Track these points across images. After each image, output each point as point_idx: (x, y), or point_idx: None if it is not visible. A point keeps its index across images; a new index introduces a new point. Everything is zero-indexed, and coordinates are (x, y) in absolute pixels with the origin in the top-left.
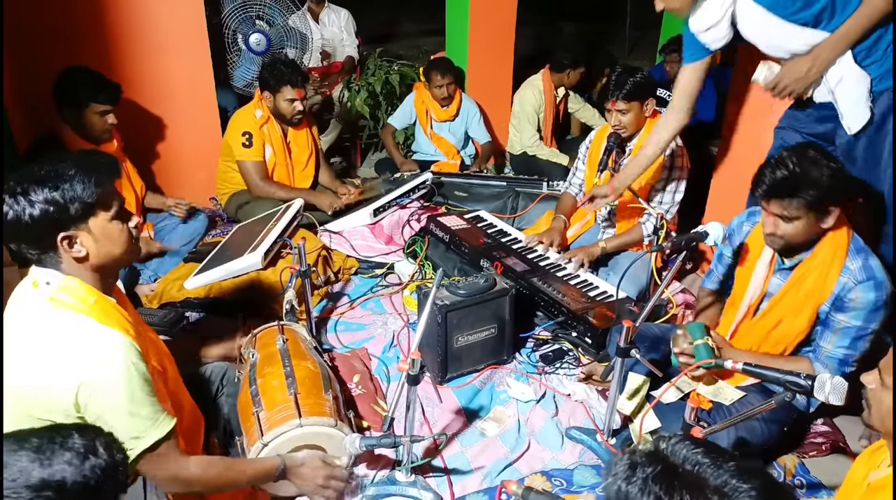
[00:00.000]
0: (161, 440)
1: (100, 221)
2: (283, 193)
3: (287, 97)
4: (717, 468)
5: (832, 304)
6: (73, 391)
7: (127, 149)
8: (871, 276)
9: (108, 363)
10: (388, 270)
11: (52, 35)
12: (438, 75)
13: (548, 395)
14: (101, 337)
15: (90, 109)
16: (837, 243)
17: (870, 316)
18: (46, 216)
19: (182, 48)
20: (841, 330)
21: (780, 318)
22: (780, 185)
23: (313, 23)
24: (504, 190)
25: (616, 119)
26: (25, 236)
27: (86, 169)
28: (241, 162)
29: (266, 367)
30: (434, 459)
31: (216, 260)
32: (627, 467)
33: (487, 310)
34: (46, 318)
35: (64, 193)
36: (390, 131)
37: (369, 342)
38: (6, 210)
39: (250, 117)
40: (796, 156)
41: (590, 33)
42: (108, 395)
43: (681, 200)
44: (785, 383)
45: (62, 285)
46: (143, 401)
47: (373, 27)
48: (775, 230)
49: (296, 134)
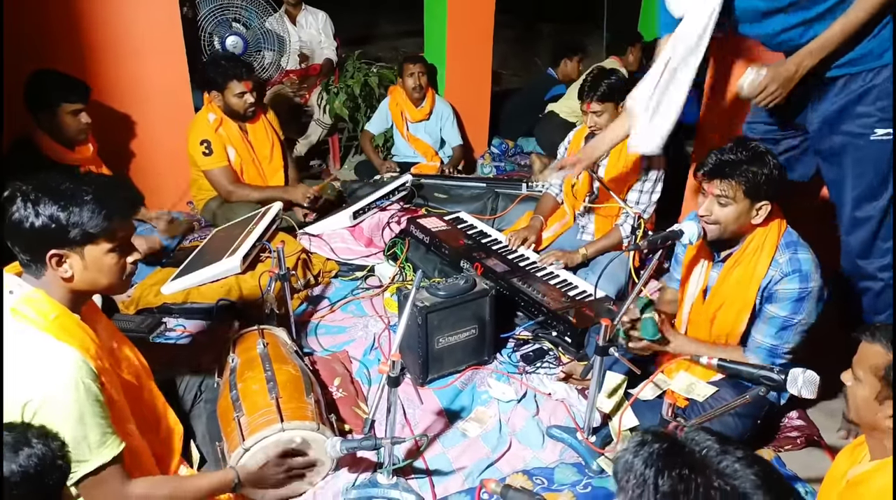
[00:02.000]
0: (105, 464)
1: (96, 250)
2: (257, 194)
3: (236, 92)
4: (724, 453)
5: (763, 296)
6: (19, 409)
7: (102, 153)
8: (796, 268)
9: (55, 382)
10: (369, 272)
11: (24, 40)
12: (410, 63)
13: (528, 394)
14: (53, 355)
15: (62, 110)
16: (766, 238)
17: (795, 306)
18: (45, 230)
19: (157, 51)
20: (769, 320)
21: (716, 309)
22: (723, 164)
23: (290, 25)
24: (484, 191)
25: (592, 120)
26: (20, 240)
27: (103, 199)
28: (207, 171)
29: (246, 371)
30: (416, 460)
31: (194, 264)
32: (637, 442)
33: (468, 311)
34: (5, 330)
35: (70, 215)
36: (368, 137)
37: (350, 345)
38: (14, 209)
39: (204, 124)
40: (745, 146)
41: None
42: (52, 415)
43: (657, 200)
44: (758, 378)
45: (26, 296)
46: (89, 424)
47: (351, 29)
48: (709, 213)
49: (253, 128)
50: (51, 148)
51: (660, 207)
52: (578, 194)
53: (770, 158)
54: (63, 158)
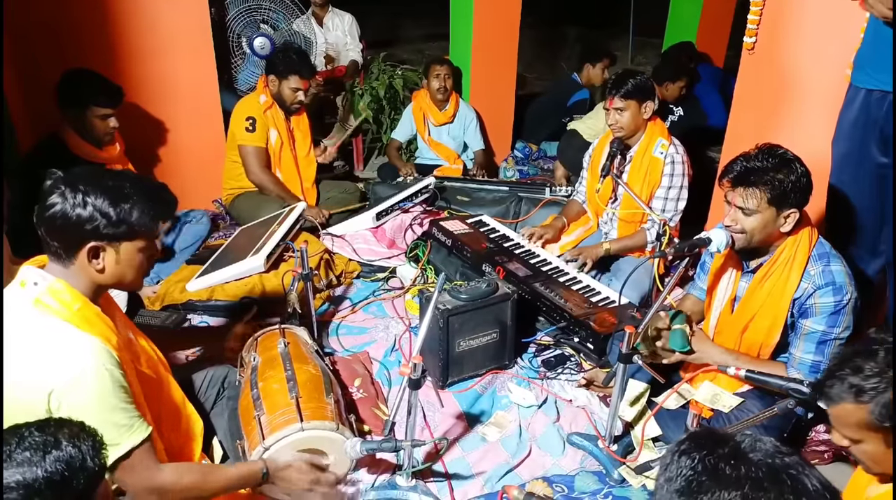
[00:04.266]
0: (135, 447)
1: (131, 247)
2: (276, 189)
3: (292, 86)
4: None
5: (798, 310)
6: (45, 398)
7: (129, 152)
8: (830, 281)
9: (79, 369)
10: (391, 274)
11: (56, 36)
12: (436, 65)
13: (549, 400)
14: (76, 343)
15: (91, 112)
16: (798, 247)
17: (831, 320)
18: (91, 222)
19: (186, 51)
20: (806, 335)
21: (747, 321)
22: (749, 172)
23: (317, 27)
24: (507, 195)
25: (613, 118)
26: (60, 229)
27: (150, 200)
28: (243, 146)
29: (267, 370)
30: (435, 464)
31: (218, 263)
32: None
33: (489, 315)
34: (26, 320)
35: (120, 211)
36: (395, 146)
37: (371, 346)
38: (57, 198)
39: (254, 103)
40: (770, 153)
41: (594, 38)
42: (78, 401)
43: (683, 208)
44: (787, 390)
45: (50, 287)
46: (115, 407)
47: (377, 32)
48: (734, 223)
49: (298, 120)
50: (78, 146)
51: (685, 214)
52: (602, 199)
53: (797, 165)
54: (90, 155)
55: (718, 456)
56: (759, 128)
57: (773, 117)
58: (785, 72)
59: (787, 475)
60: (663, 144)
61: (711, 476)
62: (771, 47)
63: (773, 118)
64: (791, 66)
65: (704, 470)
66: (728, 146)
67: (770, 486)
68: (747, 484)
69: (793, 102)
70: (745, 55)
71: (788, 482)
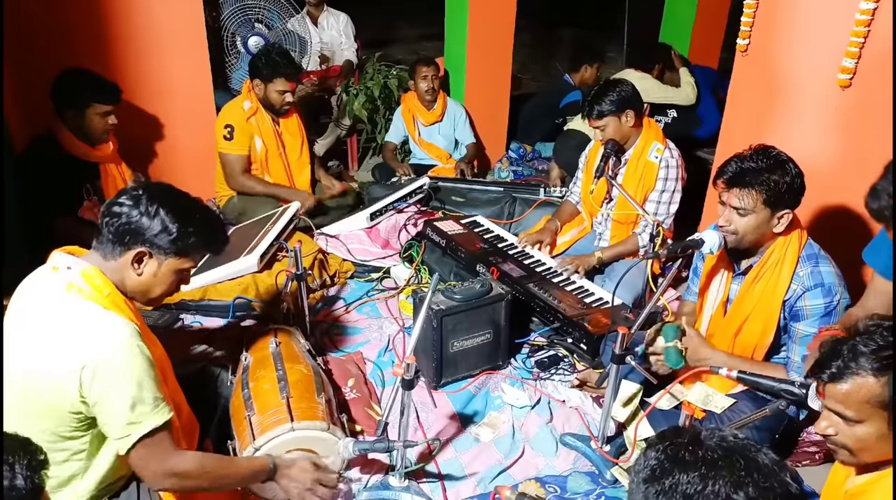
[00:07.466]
0: (159, 427)
1: (173, 264)
2: (262, 188)
3: (279, 89)
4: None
5: (789, 312)
6: (77, 373)
7: (123, 151)
8: (818, 282)
9: (111, 346)
10: (384, 274)
11: (50, 35)
12: (422, 66)
13: (542, 401)
14: (109, 321)
15: (92, 110)
16: (788, 249)
17: (823, 322)
18: (153, 232)
19: (180, 50)
20: (800, 339)
21: (740, 323)
22: (744, 173)
23: (312, 26)
24: (501, 195)
25: (598, 135)
26: (120, 225)
27: (211, 230)
28: (222, 154)
29: (258, 370)
30: (428, 464)
31: (212, 262)
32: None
33: (483, 315)
34: (57, 302)
35: (181, 231)
36: (390, 148)
37: (364, 346)
38: (133, 200)
39: (237, 110)
40: (765, 154)
41: (588, 40)
42: (111, 375)
43: (676, 211)
44: (779, 391)
45: (83, 271)
46: (145, 385)
47: (372, 31)
48: (728, 224)
49: (286, 122)
50: (72, 144)
51: (678, 217)
52: (596, 200)
53: (791, 166)
54: (84, 154)
55: (678, 444)
56: (752, 129)
57: (766, 119)
58: (778, 74)
59: (741, 455)
60: (658, 148)
61: (672, 461)
62: (764, 49)
63: (766, 119)
64: (784, 68)
65: (667, 458)
66: (721, 147)
67: (724, 465)
68: (704, 465)
69: (785, 103)
70: (738, 57)
71: (741, 461)
